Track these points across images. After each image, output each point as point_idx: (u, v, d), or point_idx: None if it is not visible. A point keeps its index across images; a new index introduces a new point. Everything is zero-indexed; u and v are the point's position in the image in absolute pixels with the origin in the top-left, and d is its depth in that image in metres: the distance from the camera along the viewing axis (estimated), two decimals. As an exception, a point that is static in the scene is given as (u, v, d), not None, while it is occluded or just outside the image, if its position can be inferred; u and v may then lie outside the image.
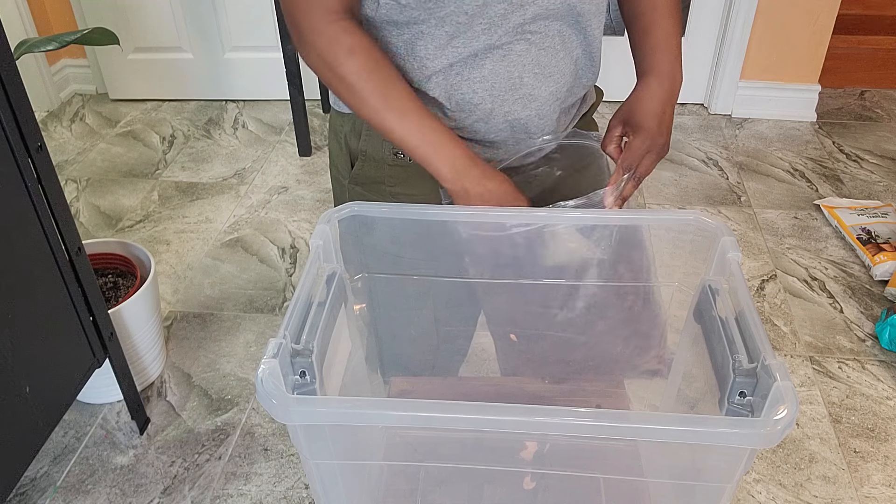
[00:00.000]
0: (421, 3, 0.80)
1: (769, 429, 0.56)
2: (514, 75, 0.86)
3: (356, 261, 0.88)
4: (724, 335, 0.70)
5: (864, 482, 1.43)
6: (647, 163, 0.90)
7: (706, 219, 0.81)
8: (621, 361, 0.96)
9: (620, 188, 0.88)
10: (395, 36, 0.85)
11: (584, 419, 0.57)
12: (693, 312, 0.80)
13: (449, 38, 0.83)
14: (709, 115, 2.70)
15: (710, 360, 0.72)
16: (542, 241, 0.85)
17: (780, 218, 2.17)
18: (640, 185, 0.91)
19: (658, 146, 0.91)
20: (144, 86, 2.83)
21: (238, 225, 2.17)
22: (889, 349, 1.70)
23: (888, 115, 2.69)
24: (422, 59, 0.85)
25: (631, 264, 0.87)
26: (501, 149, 0.94)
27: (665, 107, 0.92)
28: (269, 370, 0.63)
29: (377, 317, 0.96)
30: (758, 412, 0.62)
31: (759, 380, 0.63)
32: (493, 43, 0.83)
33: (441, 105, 0.88)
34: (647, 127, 0.90)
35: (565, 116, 0.97)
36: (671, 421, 0.58)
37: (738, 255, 0.75)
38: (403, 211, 0.84)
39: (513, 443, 0.71)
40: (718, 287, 0.76)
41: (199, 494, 1.42)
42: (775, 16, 2.47)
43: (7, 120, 1.08)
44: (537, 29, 0.84)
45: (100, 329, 1.36)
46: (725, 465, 0.63)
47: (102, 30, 1.64)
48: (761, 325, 0.66)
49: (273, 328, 1.81)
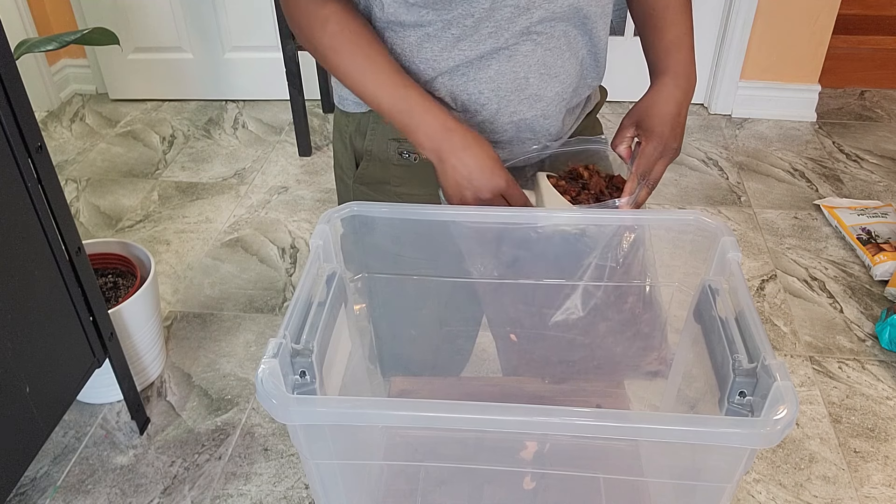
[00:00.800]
0: (429, 4, 0.80)
1: (769, 429, 0.56)
2: (519, 76, 0.86)
3: (357, 261, 0.88)
4: (724, 335, 0.70)
5: (864, 482, 1.43)
6: (659, 168, 0.89)
7: (706, 219, 0.80)
8: (622, 362, 0.96)
9: (635, 196, 0.87)
10: (400, 37, 0.85)
11: (585, 419, 0.57)
12: (693, 312, 0.80)
13: (455, 40, 0.83)
14: (709, 115, 2.70)
15: (710, 360, 0.72)
16: (543, 241, 0.84)
17: (780, 218, 2.17)
18: (653, 192, 0.91)
19: (671, 151, 0.90)
20: (144, 86, 2.83)
21: (238, 225, 2.17)
22: (889, 349, 1.70)
23: (888, 115, 2.69)
24: (428, 61, 0.85)
25: (631, 265, 0.87)
26: (506, 148, 0.94)
27: (680, 108, 0.90)
28: (269, 370, 0.63)
29: (378, 317, 0.96)
30: (758, 412, 0.62)
31: (759, 380, 0.63)
32: (500, 45, 0.83)
33: (446, 105, 0.88)
34: (661, 132, 0.89)
35: (570, 116, 0.97)
36: (671, 421, 0.58)
37: (738, 255, 0.75)
38: (404, 211, 0.83)
39: (513, 443, 0.71)
40: (718, 287, 0.75)
41: (199, 494, 1.42)
42: (775, 16, 2.47)
43: (7, 120, 1.08)
44: (543, 30, 0.84)
45: (100, 329, 1.36)
46: (725, 465, 0.63)
47: (102, 30, 1.64)
48: (761, 325, 0.66)
49: (273, 328, 1.81)
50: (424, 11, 0.81)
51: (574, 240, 0.84)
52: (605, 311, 0.89)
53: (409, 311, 0.99)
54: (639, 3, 0.95)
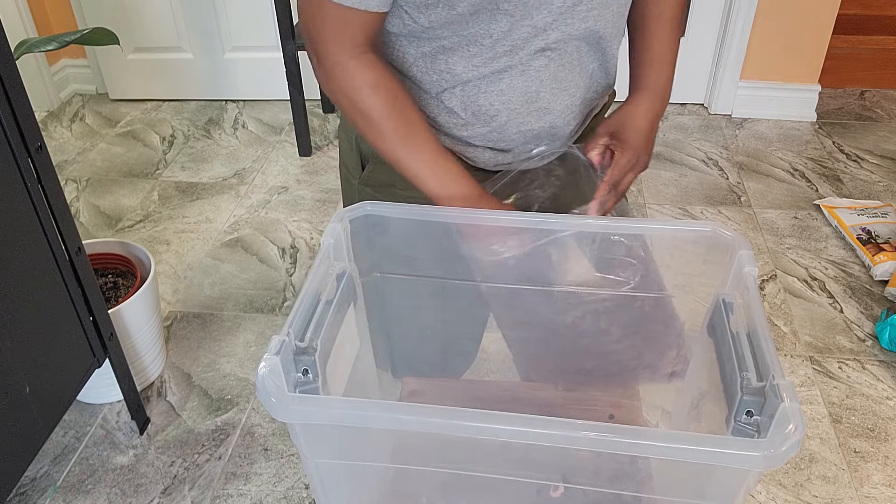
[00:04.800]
0: (446, 25, 0.80)
1: (773, 451, 0.55)
2: (531, 90, 0.86)
3: (367, 260, 0.87)
4: (735, 351, 0.69)
5: (864, 482, 1.43)
6: (629, 179, 0.92)
7: (724, 231, 0.79)
8: (637, 369, 0.96)
9: (604, 203, 0.89)
10: (414, 48, 0.84)
11: (577, 431, 0.56)
12: (707, 326, 0.79)
13: (471, 56, 0.83)
14: (709, 115, 2.70)
15: (720, 375, 0.71)
16: (553, 257, 0.84)
17: (780, 218, 2.17)
18: (620, 199, 0.93)
19: (642, 163, 0.93)
20: (144, 86, 2.83)
21: (238, 225, 2.17)
22: (889, 349, 1.70)
23: (888, 115, 2.69)
24: (441, 72, 0.85)
25: (639, 272, 0.87)
26: (510, 153, 0.94)
27: (654, 124, 0.94)
28: (270, 367, 0.63)
29: (388, 317, 0.95)
30: (764, 432, 0.61)
31: (767, 399, 0.62)
32: (514, 62, 0.83)
33: (456, 115, 0.88)
34: (637, 145, 0.92)
35: (578, 123, 0.97)
36: (672, 439, 0.58)
37: (755, 270, 0.74)
38: (417, 212, 0.83)
39: (519, 451, 0.71)
40: (732, 301, 0.74)
41: (199, 494, 1.42)
42: (775, 16, 2.47)
43: (7, 120, 1.08)
44: (557, 46, 0.84)
45: (100, 329, 1.36)
46: (729, 485, 0.62)
47: (102, 30, 1.64)
48: (772, 344, 0.65)
49: (273, 328, 1.81)
50: (444, 27, 0.81)
51: (582, 246, 0.84)
52: (616, 318, 0.89)
53: (420, 312, 0.99)
54: (632, 11, 0.95)
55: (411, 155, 0.84)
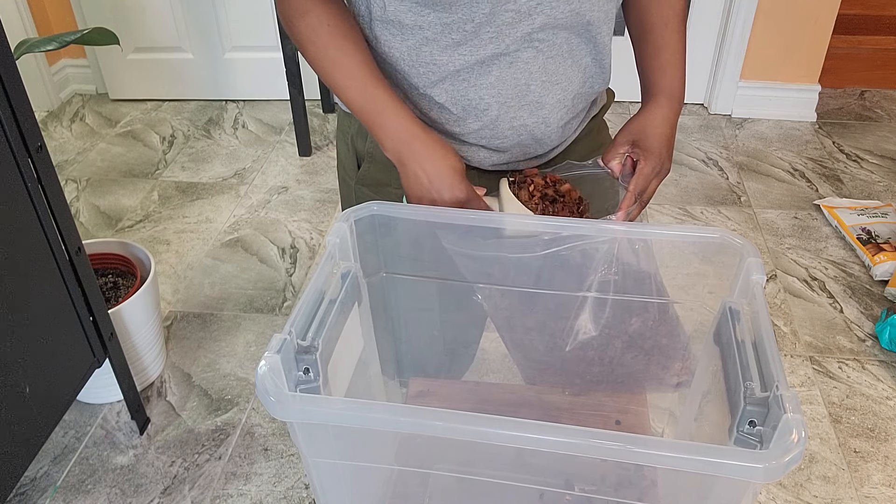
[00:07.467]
0: (430, 4, 0.80)
1: (774, 462, 0.55)
2: (521, 82, 0.86)
3: (373, 260, 0.87)
4: (739, 360, 0.68)
5: (864, 482, 1.43)
6: (653, 186, 0.90)
7: (733, 237, 0.78)
8: (643, 379, 0.95)
9: (629, 212, 0.88)
10: (399, 40, 0.84)
11: (584, 439, 0.56)
12: (713, 334, 0.78)
13: (456, 44, 0.82)
14: (709, 115, 2.70)
15: (725, 384, 0.71)
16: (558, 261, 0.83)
17: (780, 218, 2.17)
18: (645, 208, 0.91)
19: (665, 170, 0.92)
20: (144, 86, 2.83)
21: (238, 225, 2.17)
22: (889, 349, 1.70)
23: (888, 115, 2.69)
24: (428, 65, 0.85)
25: (642, 279, 0.86)
26: (507, 153, 0.93)
27: (673, 129, 0.92)
28: (270, 366, 0.63)
29: (393, 317, 0.95)
30: (766, 443, 0.60)
31: (770, 410, 0.62)
32: (501, 50, 0.83)
33: (447, 110, 0.88)
34: (659, 152, 0.90)
35: (574, 121, 0.96)
36: (673, 448, 0.57)
37: (763, 278, 0.73)
38: (423, 213, 0.83)
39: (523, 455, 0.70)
40: (739, 309, 0.74)
41: (199, 494, 1.42)
42: (775, 16, 2.47)
43: (7, 120, 1.08)
44: (545, 37, 0.83)
45: (100, 329, 1.36)
46: (732, 495, 0.61)
47: (102, 30, 1.64)
48: (778, 354, 0.64)
49: (273, 328, 1.81)
50: (426, 12, 0.81)
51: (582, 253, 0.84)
52: (619, 326, 0.88)
53: (424, 313, 0.98)
54: (636, 17, 0.95)
55: (342, 77, 0.83)
